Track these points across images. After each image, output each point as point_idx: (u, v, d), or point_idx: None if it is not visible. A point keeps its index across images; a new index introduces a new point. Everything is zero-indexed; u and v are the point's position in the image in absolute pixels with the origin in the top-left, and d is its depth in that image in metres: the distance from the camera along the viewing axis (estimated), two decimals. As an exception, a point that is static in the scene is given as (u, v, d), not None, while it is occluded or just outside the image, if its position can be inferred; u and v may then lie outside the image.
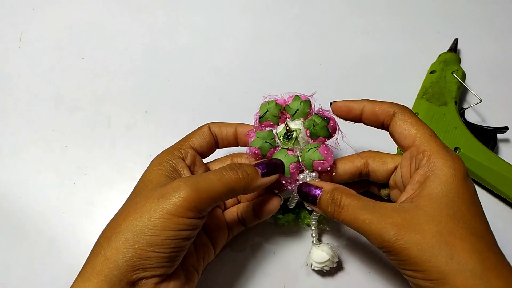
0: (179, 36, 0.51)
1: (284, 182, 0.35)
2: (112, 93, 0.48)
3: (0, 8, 0.53)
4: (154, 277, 0.29)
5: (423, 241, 0.27)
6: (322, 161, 0.34)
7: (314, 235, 0.38)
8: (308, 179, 0.35)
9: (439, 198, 0.28)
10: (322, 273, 0.39)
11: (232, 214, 0.38)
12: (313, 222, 0.38)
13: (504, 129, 0.43)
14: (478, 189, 0.43)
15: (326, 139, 0.35)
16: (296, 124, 0.35)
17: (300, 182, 0.35)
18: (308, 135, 0.35)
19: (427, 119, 0.43)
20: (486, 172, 0.41)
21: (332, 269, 0.39)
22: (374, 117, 0.34)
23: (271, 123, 0.36)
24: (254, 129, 0.36)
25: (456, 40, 0.50)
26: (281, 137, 0.35)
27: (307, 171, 0.35)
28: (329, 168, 0.34)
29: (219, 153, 0.39)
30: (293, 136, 0.35)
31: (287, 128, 0.35)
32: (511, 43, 0.51)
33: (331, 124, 0.35)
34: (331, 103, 0.35)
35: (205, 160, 0.38)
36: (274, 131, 0.36)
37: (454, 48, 0.49)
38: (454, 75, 0.44)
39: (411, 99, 0.47)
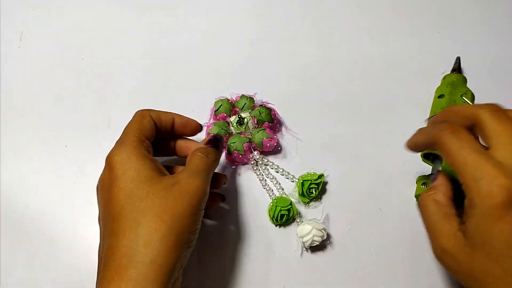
0: (179, 36, 0.51)
1: (240, 156, 0.42)
2: (112, 93, 0.48)
3: (0, 8, 0.53)
4: None
5: None
6: (269, 139, 0.42)
7: (297, 219, 0.41)
8: (257, 157, 0.43)
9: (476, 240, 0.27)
10: (323, 272, 0.39)
11: None
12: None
13: None
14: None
15: (270, 125, 0.44)
16: (245, 114, 0.44)
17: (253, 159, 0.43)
18: (255, 122, 0.43)
19: None
20: None
21: (332, 271, 0.39)
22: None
23: (225, 115, 0.44)
24: (212, 121, 0.44)
25: (458, 59, 0.47)
26: (235, 124, 0.43)
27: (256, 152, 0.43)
28: (275, 144, 0.43)
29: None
30: (244, 122, 0.43)
31: (239, 116, 0.43)
32: (511, 43, 0.51)
33: (273, 113, 0.44)
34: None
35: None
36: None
37: (458, 68, 0.47)
38: (464, 98, 0.41)
39: (410, 99, 0.47)
